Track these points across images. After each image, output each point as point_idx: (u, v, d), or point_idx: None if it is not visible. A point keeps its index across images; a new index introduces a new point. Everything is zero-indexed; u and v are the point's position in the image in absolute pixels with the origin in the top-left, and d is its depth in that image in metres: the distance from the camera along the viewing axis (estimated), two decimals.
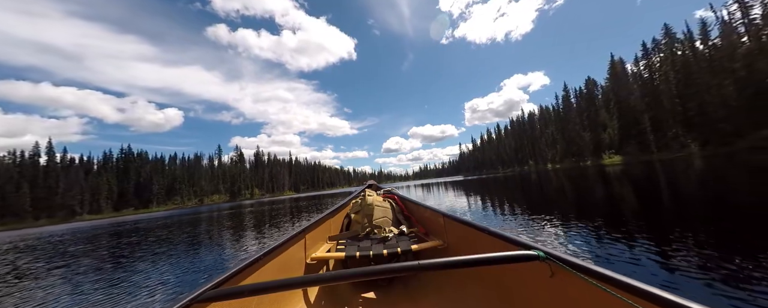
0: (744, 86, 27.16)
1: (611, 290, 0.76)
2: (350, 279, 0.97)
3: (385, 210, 2.28)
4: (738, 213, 3.84)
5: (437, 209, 2.05)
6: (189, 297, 0.89)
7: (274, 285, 0.92)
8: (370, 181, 3.52)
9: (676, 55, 36.57)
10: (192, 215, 20.67)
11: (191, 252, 5.44)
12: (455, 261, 0.97)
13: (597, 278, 0.81)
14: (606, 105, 52.01)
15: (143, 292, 3.29)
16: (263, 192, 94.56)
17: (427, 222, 2.23)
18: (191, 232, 8.83)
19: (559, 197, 7.96)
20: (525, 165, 74.30)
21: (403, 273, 1.04)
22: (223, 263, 4.35)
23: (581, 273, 0.85)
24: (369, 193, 2.51)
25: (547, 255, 0.97)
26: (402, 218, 2.39)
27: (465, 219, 1.67)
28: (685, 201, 5.05)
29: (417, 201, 2.47)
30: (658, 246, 2.79)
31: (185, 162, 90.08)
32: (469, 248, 1.62)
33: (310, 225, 1.93)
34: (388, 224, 2.21)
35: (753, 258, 2.24)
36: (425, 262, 0.97)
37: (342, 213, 2.56)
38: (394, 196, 2.63)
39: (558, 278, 0.98)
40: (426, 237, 2.07)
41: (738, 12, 31.32)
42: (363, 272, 0.95)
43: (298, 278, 1.05)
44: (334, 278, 1.00)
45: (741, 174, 8.19)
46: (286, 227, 7.49)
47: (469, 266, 0.97)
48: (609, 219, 4.19)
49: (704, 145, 30.11)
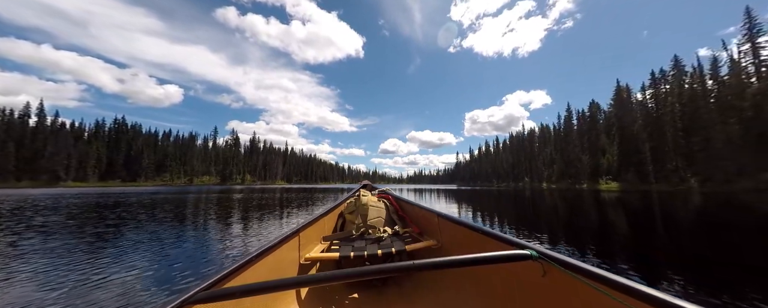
0: (750, 126, 26.71)
1: (602, 288, 0.78)
2: (344, 280, 0.97)
3: (380, 210, 2.27)
4: (733, 256, 3.69)
5: (431, 209, 2.02)
6: (180, 299, 0.87)
7: (267, 286, 0.91)
8: (365, 181, 3.54)
9: (683, 87, 36.24)
10: (179, 194, 19.90)
11: (169, 240, 4.65)
12: (449, 260, 0.97)
13: (588, 277, 0.83)
14: (607, 130, 51.66)
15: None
16: (255, 179, 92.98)
17: (422, 222, 2.22)
18: (174, 215, 8.03)
19: (550, 216, 7.94)
20: (520, 182, 73.86)
21: (397, 274, 1.04)
22: (202, 264, 3.46)
23: (573, 272, 0.87)
24: (364, 193, 2.49)
25: (540, 254, 0.99)
26: (396, 218, 2.37)
27: (459, 219, 1.65)
28: (677, 238, 4.86)
29: (411, 202, 2.43)
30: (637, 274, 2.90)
31: (179, 139, 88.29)
32: (463, 248, 1.62)
33: (304, 224, 1.88)
34: (383, 224, 2.19)
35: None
36: (419, 262, 0.96)
37: (336, 212, 2.52)
38: (389, 196, 2.61)
39: (550, 277, 0.99)
40: (420, 237, 2.05)
41: (748, 51, 31.08)
42: (357, 272, 0.95)
43: (291, 278, 1.04)
44: (327, 278, 0.99)
45: (742, 215, 7.82)
46: (277, 224, 6.67)
47: (463, 266, 0.97)
48: (596, 245, 4.28)
49: (705, 182, 29.61)
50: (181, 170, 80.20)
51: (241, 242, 4.39)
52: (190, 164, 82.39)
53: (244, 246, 4.18)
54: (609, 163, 47.69)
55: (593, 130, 54.65)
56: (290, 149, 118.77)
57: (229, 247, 4.10)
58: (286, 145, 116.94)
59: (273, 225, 6.16)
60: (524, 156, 76.96)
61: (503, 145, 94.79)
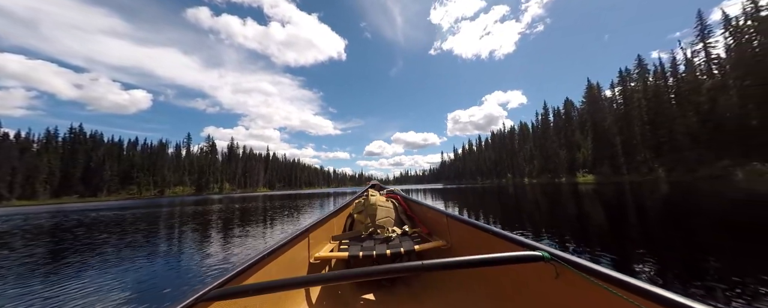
0: (707, 119, 29.09)
1: (616, 291, 0.76)
2: (353, 279, 0.96)
3: (388, 210, 2.27)
4: (691, 237, 4.09)
5: (440, 209, 2.02)
6: (194, 296, 0.88)
7: (278, 284, 0.92)
8: (374, 181, 3.55)
9: (647, 84, 38.88)
10: (144, 208, 18.25)
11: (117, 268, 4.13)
12: (459, 261, 0.97)
13: (602, 279, 0.81)
14: (581, 126, 54.42)
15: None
16: (234, 187, 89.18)
17: (431, 222, 2.21)
18: (125, 235, 7.28)
19: (532, 210, 8.39)
20: (503, 178, 76.13)
21: (406, 274, 1.06)
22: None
23: (587, 274, 0.85)
24: (372, 193, 2.48)
25: (552, 256, 0.97)
26: (405, 218, 2.36)
27: (469, 219, 1.64)
28: (644, 222, 5.42)
29: (420, 202, 2.44)
30: (611, 254, 3.27)
31: (147, 148, 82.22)
32: (472, 248, 1.61)
33: (313, 224, 1.89)
34: (391, 224, 2.18)
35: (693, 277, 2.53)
36: (428, 262, 0.95)
37: (345, 213, 2.53)
38: (397, 196, 2.61)
39: (563, 279, 0.97)
40: (429, 237, 2.04)
41: (700, 51, 33.99)
42: (366, 272, 0.94)
43: (301, 277, 1.04)
44: (337, 278, 1.00)
45: (700, 200, 8.67)
46: (253, 243, 6.21)
47: (473, 266, 0.97)
48: (575, 232, 4.72)
49: (670, 171, 31.87)
50: (150, 181, 74.54)
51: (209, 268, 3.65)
52: (160, 174, 76.76)
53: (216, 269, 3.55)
54: (584, 157, 50.24)
55: (569, 126, 57.40)
56: (272, 154, 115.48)
57: (199, 275, 3.41)
58: (267, 151, 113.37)
59: (255, 241, 5.31)
60: (506, 153, 79.48)
61: (485, 143, 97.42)
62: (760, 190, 10.82)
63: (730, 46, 29.99)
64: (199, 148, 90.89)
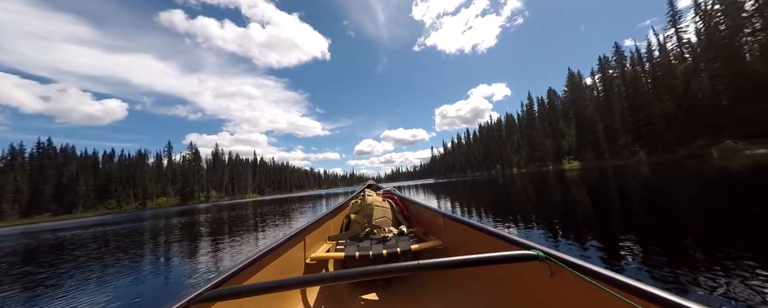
0: (681, 101, 30.23)
1: (611, 290, 0.77)
2: (349, 279, 0.97)
3: (385, 210, 2.27)
4: (669, 215, 4.32)
5: (437, 209, 2.03)
6: (188, 297, 0.89)
7: (274, 285, 0.92)
8: (370, 181, 3.54)
9: (625, 70, 40.10)
10: (124, 223, 17.19)
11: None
12: (455, 261, 0.97)
13: (597, 278, 0.82)
14: (564, 115, 55.76)
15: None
16: (222, 195, 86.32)
17: (427, 222, 2.22)
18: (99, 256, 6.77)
19: (520, 198, 8.66)
20: (492, 170, 77.34)
21: (402, 274, 1.02)
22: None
23: (581, 273, 0.86)
24: (368, 193, 2.49)
25: (547, 255, 0.97)
26: (401, 218, 2.38)
27: (464, 219, 1.64)
28: (624, 204, 5.71)
29: (416, 201, 2.45)
30: (598, 238, 3.34)
31: (125, 160, 78.55)
32: (468, 248, 1.61)
33: (309, 225, 1.90)
34: (388, 224, 2.19)
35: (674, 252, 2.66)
36: (425, 262, 0.96)
37: (342, 212, 2.54)
38: (394, 196, 2.61)
39: (557, 278, 0.98)
40: (425, 237, 2.06)
41: (672, 36, 35.32)
42: (362, 272, 0.95)
43: (297, 278, 1.04)
44: (333, 278, 1.00)
45: (676, 180, 8.94)
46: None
47: (469, 266, 0.97)
48: (562, 218, 4.85)
49: (650, 153, 33.05)
50: (130, 194, 71.01)
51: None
52: (140, 186, 73.22)
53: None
54: (569, 144, 51.53)
55: (553, 115, 58.71)
56: (260, 159, 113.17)
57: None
58: (254, 155, 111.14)
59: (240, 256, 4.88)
60: (494, 144, 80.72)
61: (474, 136, 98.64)
62: (732, 167, 11.31)
63: (700, 30, 31.21)
64: (182, 157, 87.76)
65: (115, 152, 79.48)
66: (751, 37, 25.81)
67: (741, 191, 5.72)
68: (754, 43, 25.28)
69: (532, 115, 63.89)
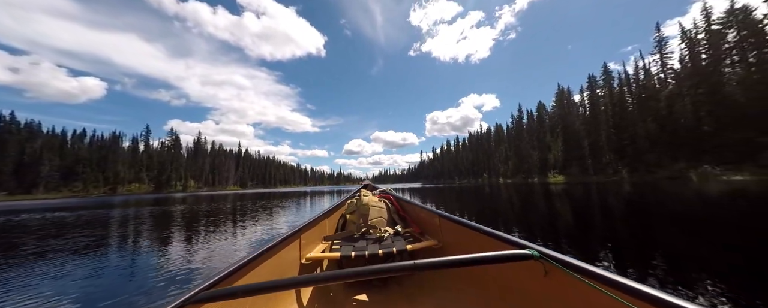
0: (665, 124, 31.20)
1: (604, 289, 0.78)
2: (345, 280, 0.97)
3: (381, 210, 2.26)
4: (645, 233, 4.46)
5: (432, 209, 2.03)
6: (182, 298, 0.88)
7: (268, 285, 0.92)
8: (366, 181, 3.52)
9: (613, 90, 41.26)
10: (84, 208, 15.23)
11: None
12: (450, 260, 0.98)
13: (590, 277, 0.83)
14: (551, 129, 56.91)
15: None
16: (200, 185, 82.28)
17: (423, 222, 2.22)
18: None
19: (506, 208, 8.78)
20: (479, 178, 78.07)
21: (398, 274, 1.03)
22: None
23: (574, 272, 0.87)
24: (365, 193, 2.51)
25: (541, 254, 0.98)
26: (397, 218, 2.36)
27: (460, 219, 1.65)
28: (605, 220, 5.92)
29: (413, 202, 2.44)
30: (576, 250, 3.54)
31: (97, 141, 73.15)
32: (464, 248, 1.61)
33: (305, 225, 1.89)
34: (384, 224, 2.18)
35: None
36: (420, 262, 0.97)
37: (338, 213, 2.52)
38: (390, 196, 2.61)
39: (552, 277, 0.99)
40: (421, 237, 2.06)
41: (658, 61, 36.68)
42: (358, 272, 0.95)
43: (292, 279, 1.05)
44: (328, 278, 1.01)
45: (655, 200, 9.31)
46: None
47: (465, 266, 0.98)
48: (544, 229, 5.05)
49: (632, 172, 33.91)
50: (99, 177, 66.12)
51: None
52: (112, 170, 68.47)
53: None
54: (555, 158, 52.50)
55: (541, 128, 59.81)
56: (244, 151, 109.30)
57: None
58: (239, 147, 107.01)
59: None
60: (482, 153, 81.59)
61: (463, 144, 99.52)
62: (709, 192, 11.70)
63: (685, 57, 32.41)
64: (160, 142, 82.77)
65: (86, 132, 73.81)
66: (731, 68, 26.95)
67: (716, 215, 5.99)
68: (734, 74, 26.39)
69: (521, 127, 64.96)
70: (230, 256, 4.14)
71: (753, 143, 22.28)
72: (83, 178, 64.58)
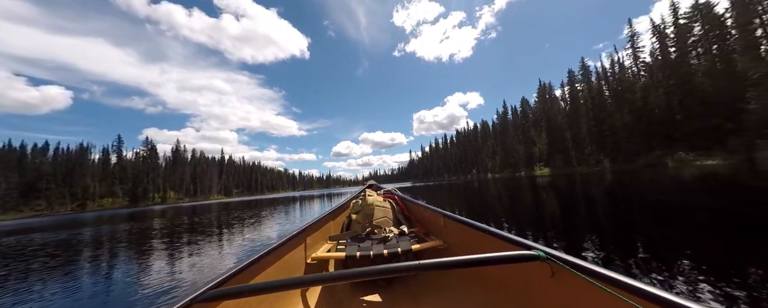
0: (640, 115, 32.61)
1: (612, 290, 0.77)
2: (350, 279, 0.97)
3: (386, 210, 2.27)
4: (623, 217, 4.89)
5: (437, 209, 2.04)
6: (190, 296, 0.89)
7: (275, 285, 0.93)
8: (371, 182, 3.55)
9: (591, 84, 42.79)
10: (35, 231, 14.11)
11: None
12: (455, 261, 0.98)
13: (598, 278, 0.82)
14: (535, 124, 58.47)
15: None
16: (181, 196, 78.39)
17: (428, 222, 2.24)
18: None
19: (494, 203, 9.07)
20: (468, 174, 79.26)
21: (403, 274, 1.02)
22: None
23: (582, 274, 0.86)
24: (369, 193, 2.52)
25: (548, 255, 0.97)
26: (402, 218, 2.38)
27: (465, 219, 1.65)
28: (588, 208, 6.37)
29: (417, 202, 2.46)
30: (562, 238, 3.74)
31: (63, 154, 67.90)
32: (469, 248, 1.62)
33: (310, 225, 1.91)
34: (389, 224, 2.20)
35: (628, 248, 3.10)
36: (425, 262, 0.97)
37: (342, 213, 2.56)
38: (395, 196, 2.62)
39: (559, 278, 0.98)
40: (426, 237, 2.07)
41: (631, 54, 38.41)
42: (363, 272, 0.95)
43: (298, 278, 1.06)
44: (334, 278, 1.02)
45: (633, 187, 9.92)
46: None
47: (470, 266, 0.98)
48: (532, 220, 5.27)
49: (613, 162, 35.26)
50: (65, 193, 61.10)
51: None
52: (80, 184, 63.47)
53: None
54: (540, 151, 53.95)
55: (525, 123, 61.32)
56: (228, 157, 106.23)
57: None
58: (222, 153, 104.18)
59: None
60: (470, 150, 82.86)
61: (451, 141, 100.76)
62: (683, 177, 12.29)
63: (656, 50, 34.02)
64: (134, 153, 77.97)
65: (49, 145, 68.13)
66: (698, 60, 28.50)
67: (688, 198, 6.50)
68: (701, 65, 27.90)
69: (507, 123, 66.39)
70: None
71: (721, 129, 23.63)
72: (47, 195, 59.81)
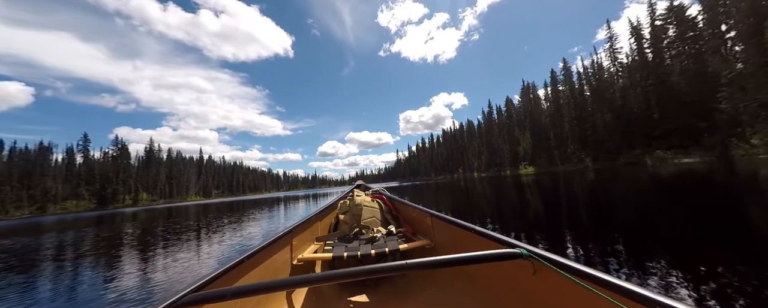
0: (621, 114, 33.39)
1: (591, 287, 0.79)
2: (337, 280, 0.97)
3: (374, 210, 2.27)
4: (603, 214, 5.04)
5: (425, 209, 2.04)
6: (169, 300, 0.86)
7: (258, 287, 0.91)
8: (359, 182, 3.54)
9: (573, 84, 43.68)
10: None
11: None
12: (442, 260, 0.99)
13: (577, 275, 0.84)
14: (519, 123, 59.37)
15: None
16: (155, 197, 74.36)
17: (415, 221, 2.25)
18: None
19: (480, 201, 9.11)
20: (455, 173, 79.70)
21: (390, 273, 1.03)
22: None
23: (562, 271, 0.88)
24: (357, 193, 2.54)
25: (530, 253, 1.00)
26: (390, 218, 2.38)
27: (452, 218, 1.66)
28: (572, 206, 6.41)
29: (405, 202, 2.44)
30: (546, 235, 3.82)
31: (21, 154, 62.79)
32: (455, 247, 1.64)
33: (297, 225, 1.88)
34: (377, 224, 2.20)
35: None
36: (412, 262, 0.98)
37: (330, 214, 2.55)
38: (383, 196, 2.61)
39: (540, 275, 1.00)
40: (414, 236, 2.08)
41: (610, 54, 39.49)
42: (350, 272, 0.95)
43: (282, 280, 1.04)
44: (320, 279, 1.02)
45: (616, 184, 10.29)
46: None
47: (456, 265, 0.99)
48: (517, 218, 5.39)
49: (595, 160, 35.96)
50: (22, 196, 56.91)
51: None
52: (39, 187, 59.20)
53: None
54: (525, 150, 54.74)
55: (510, 122, 62.17)
56: (207, 157, 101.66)
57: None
58: (200, 153, 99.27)
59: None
60: (457, 149, 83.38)
61: (437, 141, 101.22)
62: (661, 174, 12.53)
63: (633, 52, 34.98)
64: (102, 153, 72.86)
65: (3, 144, 61.62)
66: (672, 61, 29.43)
67: (664, 196, 6.54)
68: (675, 66, 28.81)
69: (492, 122, 67.10)
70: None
71: (696, 128, 24.36)
72: (1, 198, 55.09)
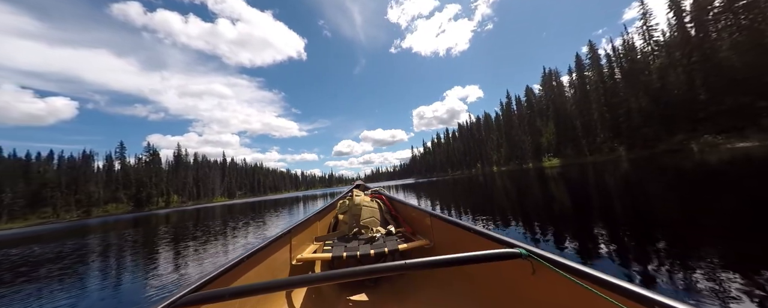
0: (658, 96, 30.08)
1: (590, 287, 0.78)
2: (336, 280, 0.97)
3: (373, 210, 2.28)
4: (643, 211, 4.27)
5: (424, 209, 2.05)
6: (168, 300, 0.87)
7: (257, 287, 0.91)
8: (358, 182, 3.53)
9: (601, 68, 40.19)
10: (38, 238, 12.69)
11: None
12: (441, 260, 0.99)
13: (576, 275, 0.83)
14: (541, 113, 55.88)
15: None
16: (185, 199, 78.55)
17: (414, 221, 2.26)
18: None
19: (501, 197, 8.46)
20: (473, 168, 76.96)
21: (389, 273, 1.03)
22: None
23: (561, 271, 0.88)
24: (357, 193, 2.55)
25: (529, 253, 1.00)
26: (389, 218, 2.37)
27: (451, 218, 1.66)
28: (605, 201, 5.61)
29: (404, 202, 2.46)
30: (575, 235, 3.46)
31: (65, 162, 68.87)
32: (454, 247, 1.64)
33: (296, 225, 1.88)
34: (376, 224, 2.20)
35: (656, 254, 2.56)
36: (411, 262, 0.98)
37: (330, 213, 2.56)
38: (382, 196, 2.62)
39: (539, 275, 1.00)
40: (413, 236, 2.08)
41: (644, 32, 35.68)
42: (349, 273, 0.95)
43: (282, 280, 1.04)
44: (319, 279, 1.02)
45: (659, 176, 8.77)
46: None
47: (455, 265, 0.99)
48: (541, 215, 4.91)
49: (630, 149, 32.79)
50: (70, 201, 62.19)
51: None
52: (84, 192, 64.47)
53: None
54: (548, 142, 51.44)
55: (531, 113, 58.76)
56: (229, 160, 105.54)
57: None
58: (224, 156, 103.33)
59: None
60: (474, 143, 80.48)
61: (453, 135, 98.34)
62: (710, 162, 10.79)
63: (672, 29, 31.36)
64: (137, 159, 78.53)
65: (53, 154, 68.67)
66: (721, 34, 25.91)
67: (715, 188, 5.53)
68: (724, 40, 25.33)
69: (511, 114, 63.87)
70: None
71: (752, 107, 21.19)
72: (52, 203, 60.51)
